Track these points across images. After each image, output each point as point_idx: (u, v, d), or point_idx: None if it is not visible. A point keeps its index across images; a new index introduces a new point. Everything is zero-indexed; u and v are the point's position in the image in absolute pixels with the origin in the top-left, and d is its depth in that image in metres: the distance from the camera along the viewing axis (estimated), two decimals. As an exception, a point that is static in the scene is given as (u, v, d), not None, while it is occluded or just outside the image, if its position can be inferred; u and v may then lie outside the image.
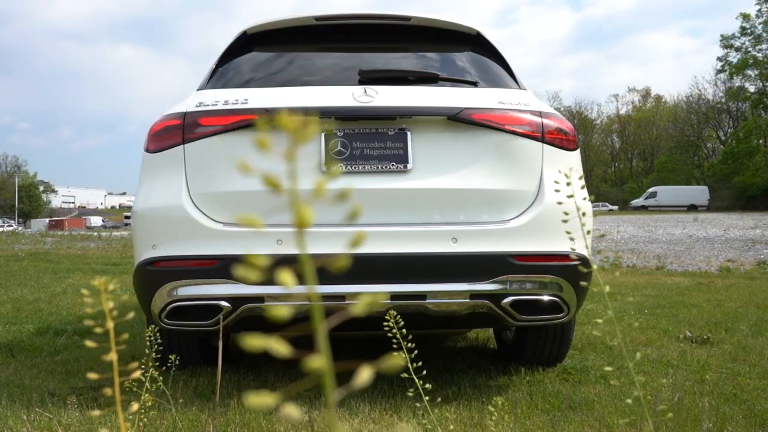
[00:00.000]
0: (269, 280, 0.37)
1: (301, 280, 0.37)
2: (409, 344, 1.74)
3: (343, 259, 0.37)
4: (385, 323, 1.78)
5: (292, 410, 0.34)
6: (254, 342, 0.35)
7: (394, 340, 1.78)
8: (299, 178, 0.36)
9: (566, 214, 1.20)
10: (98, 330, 0.80)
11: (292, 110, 2.59)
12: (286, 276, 0.36)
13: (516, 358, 3.35)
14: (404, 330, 1.75)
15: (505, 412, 1.52)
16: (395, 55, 3.23)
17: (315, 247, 2.42)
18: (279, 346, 0.35)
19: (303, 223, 0.35)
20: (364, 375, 0.35)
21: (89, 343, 0.82)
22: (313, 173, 2.57)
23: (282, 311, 0.35)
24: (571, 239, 2.63)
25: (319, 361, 0.35)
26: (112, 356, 0.78)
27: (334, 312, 2.42)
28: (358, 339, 3.91)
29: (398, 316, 1.79)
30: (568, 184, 1.25)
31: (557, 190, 1.45)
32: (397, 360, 0.36)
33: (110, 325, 0.77)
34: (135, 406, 0.82)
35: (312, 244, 2.42)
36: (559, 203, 2.66)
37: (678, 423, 2.28)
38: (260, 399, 0.34)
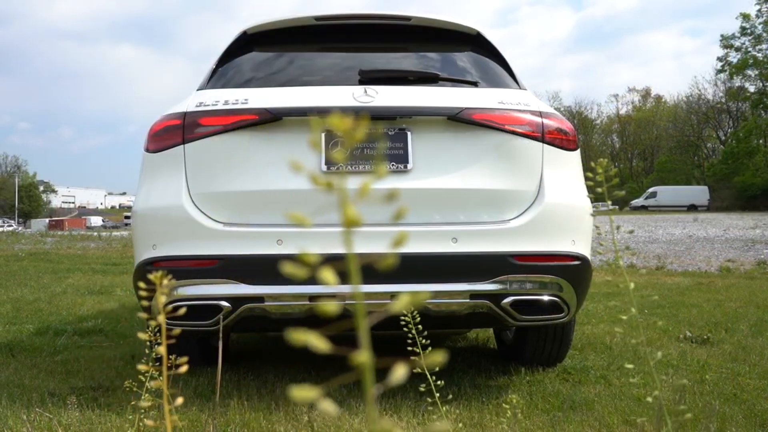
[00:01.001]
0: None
1: (343, 279, 0.38)
2: (425, 341, 1.77)
3: (390, 258, 0.38)
4: (403, 320, 1.81)
5: (329, 406, 0.35)
6: (296, 337, 0.36)
7: (409, 336, 1.80)
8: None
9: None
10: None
11: (292, 110, 2.59)
12: (328, 274, 0.37)
13: (516, 358, 3.35)
14: (420, 326, 1.79)
15: (519, 409, 1.53)
16: (395, 55, 3.23)
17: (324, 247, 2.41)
18: (319, 342, 0.36)
19: (351, 222, 0.36)
20: (400, 372, 0.36)
21: (142, 335, 0.83)
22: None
23: (331, 308, 0.36)
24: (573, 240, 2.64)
25: (362, 356, 0.36)
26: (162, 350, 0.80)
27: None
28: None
29: (415, 313, 1.84)
30: (589, 184, 1.25)
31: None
32: (438, 356, 0.36)
33: (162, 319, 0.78)
34: (181, 400, 0.83)
35: (302, 242, 2.41)
36: (559, 203, 2.66)
37: (678, 423, 2.27)
38: (304, 392, 0.35)
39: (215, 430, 2.15)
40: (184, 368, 0.85)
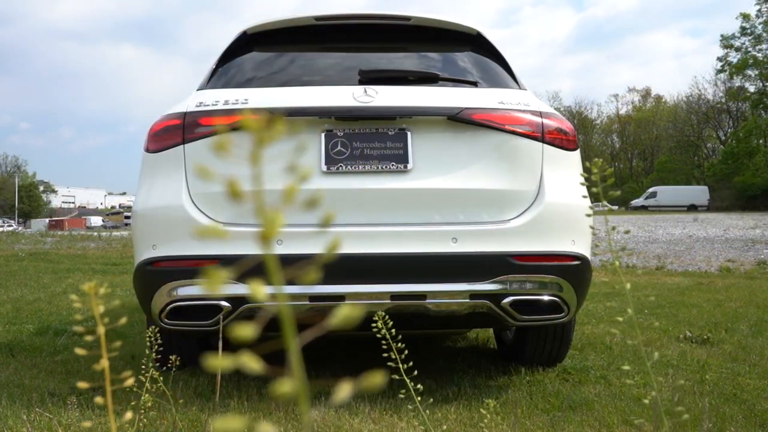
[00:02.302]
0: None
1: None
2: (400, 344, 1.73)
3: (316, 265, 0.36)
4: (373, 324, 1.75)
5: (268, 429, 0.33)
6: (221, 362, 0.33)
7: (384, 342, 1.76)
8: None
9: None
10: (88, 338, 0.79)
11: (292, 110, 2.59)
12: (254, 285, 0.35)
13: (516, 358, 3.35)
14: (393, 331, 1.74)
15: (498, 413, 1.52)
16: (395, 55, 3.23)
17: (302, 248, 2.40)
18: (251, 363, 0.34)
19: (271, 230, 0.34)
20: (343, 392, 0.34)
21: (79, 351, 0.81)
22: (314, 174, 2.57)
23: (248, 331, 0.34)
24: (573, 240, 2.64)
25: (289, 386, 0.33)
26: (104, 363, 0.78)
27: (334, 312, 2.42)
28: (355, 338, 3.91)
29: (387, 317, 1.77)
30: (583, 184, 1.25)
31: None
32: (377, 378, 0.34)
33: (101, 330, 0.76)
34: (129, 415, 0.81)
35: (299, 244, 2.41)
36: (559, 203, 2.66)
37: (678, 423, 2.27)
38: (227, 423, 0.32)
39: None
40: (129, 381, 0.84)
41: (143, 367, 1.90)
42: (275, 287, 0.35)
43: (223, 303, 2.49)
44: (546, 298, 2.58)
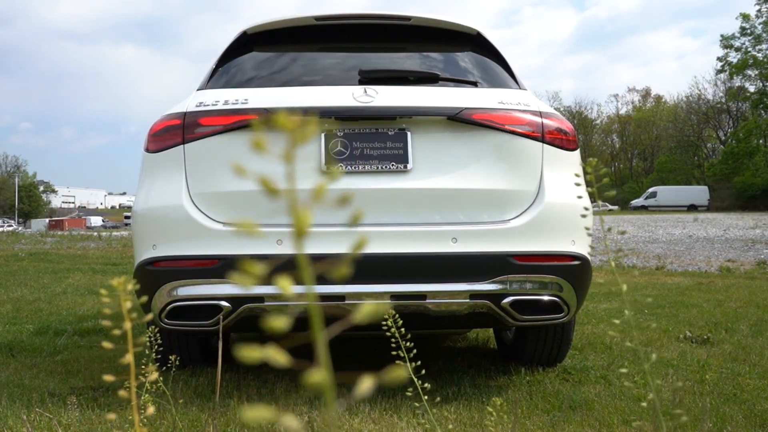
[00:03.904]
0: (270, 281, 0.37)
1: (300, 282, 0.37)
2: (408, 344, 1.74)
3: (345, 263, 0.36)
4: (384, 324, 1.77)
5: (292, 421, 0.33)
6: (251, 353, 0.34)
7: (393, 340, 1.78)
8: (300, 179, 0.36)
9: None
10: (116, 332, 0.80)
11: (292, 110, 2.60)
12: (283, 280, 0.35)
13: (516, 358, 3.35)
14: (403, 330, 1.75)
15: (504, 412, 1.52)
16: (395, 55, 3.23)
17: (315, 248, 2.42)
18: (277, 356, 0.34)
19: (302, 227, 0.35)
20: (366, 385, 0.34)
21: (106, 344, 0.82)
22: (313, 174, 2.57)
23: (280, 322, 0.34)
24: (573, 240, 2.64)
25: (319, 375, 0.34)
26: (129, 357, 0.78)
27: (333, 312, 2.43)
28: (355, 338, 3.91)
29: (397, 316, 1.79)
30: (577, 184, 1.26)
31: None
32: (401, 372, 0.35)
33: (128, 325, 0.77)
34: (151, 409, 0.82)
35: (312, 245, 2.42)
36: (559, 203, 2.66)
37: (678, 423, 2.27)
38: (257, 412, 0.33)
39: (215, 430, 2.15)
40: (153, 376, 0.85)
41: (143, 366, 1.90)
42: (305, 286, 0.35)
43: (223, 303, 2.49)
44: (546, 298, 2.58)
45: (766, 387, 2.91)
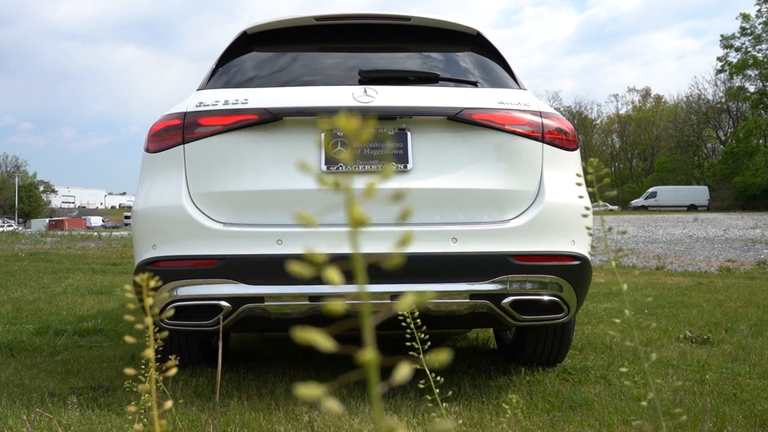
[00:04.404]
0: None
1: (349, 279, 0.39)
2: (424, 336, 1.77)
3: (396, 258, 0.38)
4: (402, 321, 1.80)
5: (334, 404, 0.35)
6: (302, 335, 0.36)
7: (408, 334, 1.80)
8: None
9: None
10: (139, 326, 0.81)
11: (292, 110, 2.59)
12: (333, 274, 0.37)
13: (516, 358, 3.35)
14: (419, 321, 1.79)
15: (518, 409, 1.53)
16: (395, 55, 3.22)
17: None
18: (325, 342, 0.36)
19: (358, 222, 0.36)
20: (404, 370, 0.36)
21: (129, 339, 0.83)
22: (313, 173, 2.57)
23: (337, 308, 0.36)
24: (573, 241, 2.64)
25: (368, 355, 0.36)
26: (150, 353, 0.79)
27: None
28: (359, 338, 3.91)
29: (416, 313, 1.83)
30: (578, 184, 1.26)
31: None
32: (443, 355, 0.37)
33: (149, 321, 0.78)
34: (169, 404, 0.82)
35: (302, 243, 2.42)
36: (559, 203, 2.66)
37: (678, 423, 2.27)
38: (308, 390, 0.35)
39: (215, 430, 2.15)
40: (172, 371, 0.85)
41: (143, 366, 1.90)
42: (358, 285, 0.37)
43: (223, 303, 2.49)
44: (546, 298, 2.58)
45: (766, 387, 2.91)
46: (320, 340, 0.35)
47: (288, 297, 2.47)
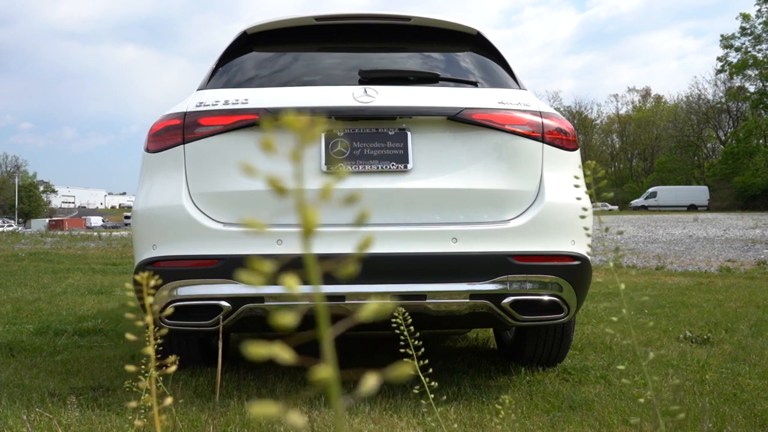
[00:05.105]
0: (272, 281, 0.37)
1: (304, 281, 0.37)
2: (417, 342, 1.75)
3: (351, 262, 0.36)
4: (394, 322, 1.78)
5: (297, 418, 0.33)
6: (258, 350, 0.34)
7: (402, 338, 1.79)
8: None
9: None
10: (140, 323, 0.81)
11: (292, 110, 2.59)
12: (289, 279, 0.35)
13: (516, 358, 3.35)
14: (412, 328, 1.77)
15: (512, 410, 1.53)
16: (395, 55, 3.23)
17: (320, 248, 2.41)
18: (283, 353, 0.34)
19: (310, 226, 0.35)
20: (370, 382, 0.35)
21: (129, 336, 0.83)
22: (313, 173, 2.57)
23: (287, 318, 0.35)
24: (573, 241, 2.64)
25: (325, 372, 0.34)
26: (150, 350, 0.79)
27: (334, 312, 2.43)
28: (357, 337, 3.91)
29: (406, 313, 1.80)
30: (576, 186, 1.26)
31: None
32: (406, 368, 0.35)
33: (149, 319, 0.78)
34: (170, 400, 0.83)
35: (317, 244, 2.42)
36: (559, 203, 2.66)
37: (678, 423, 2.28)
38: (263, 408, 0.33)
39: (215, 430, 2.15)
40: (172, 369, 0.85)
41: (143, 366, 1.90)
42: (312, 286, 0.36)
43: (223, 303, 2.49)
44: (546, 298, 2.58)
45: (766, 387, 2.91)
46: (280, 352, 0.34)
47: (288, 297, 2.47)
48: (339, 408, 0.34)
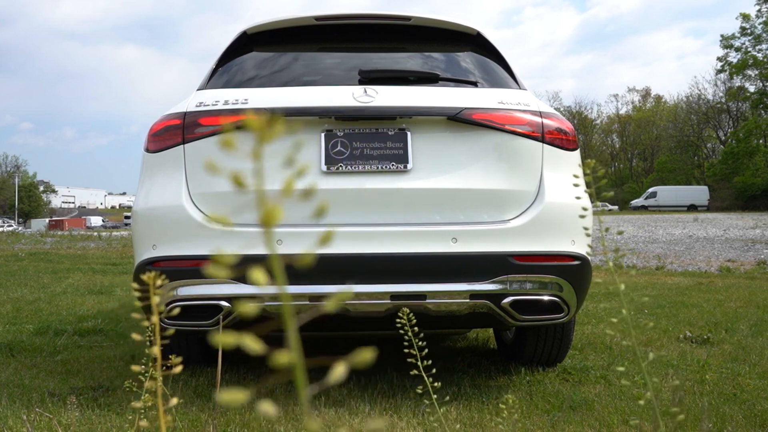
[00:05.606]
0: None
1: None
2: (420, 342, 1.75)
3: (308, 258, 0.37)
4: (398, 321, 1.79)
5: (268, 407, 0.34)
6: (226, 339, 0.35)
7: (406, 337, 1.79)
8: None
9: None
10: (145, 323, 0.82)
11: (292, 110, 2.60)
12: (258, 275, 0.36)
13: (516, 358, 3.35)
14: (416, 328, 1.77)
15: (515, 410, 1.52)
16: (395, 55, 3.23)
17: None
18: (252, 344, 0.35)
19: (270, 222, 0.35)
20: (338, 371, 0.35)
21: (136, 336, 0.84)
22: (314, 174, 2.57)
23: (251, 309, 0.35)
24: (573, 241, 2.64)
25: (288, 357, 0.35)
26: (156, 350, 0.80)
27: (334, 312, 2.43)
28: (361, 339, 3.91)
29: (411, 314, 1.80)
30: (576, 185, 1.26)
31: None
32: (367, 354, 0.36)
33: (155, 319, 0.79)
34: (174, 400, 0.83)
35: (302, 242, 2.41)
36: (559, 203, 2.66)
37: (678, 423, 2.27)
38: (231, 395, 0.34)
39: (215, 430, 2.15)
40: (178, 369, 0.86)
41: (144, 365, 1.90)
42: (277, 284, 0.36)
43: (223, 303, 2.49)
44: (546, 298, 2.58)
45: (766, 387, 2.91)
46: (249, 343, 0.35)
47: (289, 297, 2.47)
48: (304, 394, 0.35)
